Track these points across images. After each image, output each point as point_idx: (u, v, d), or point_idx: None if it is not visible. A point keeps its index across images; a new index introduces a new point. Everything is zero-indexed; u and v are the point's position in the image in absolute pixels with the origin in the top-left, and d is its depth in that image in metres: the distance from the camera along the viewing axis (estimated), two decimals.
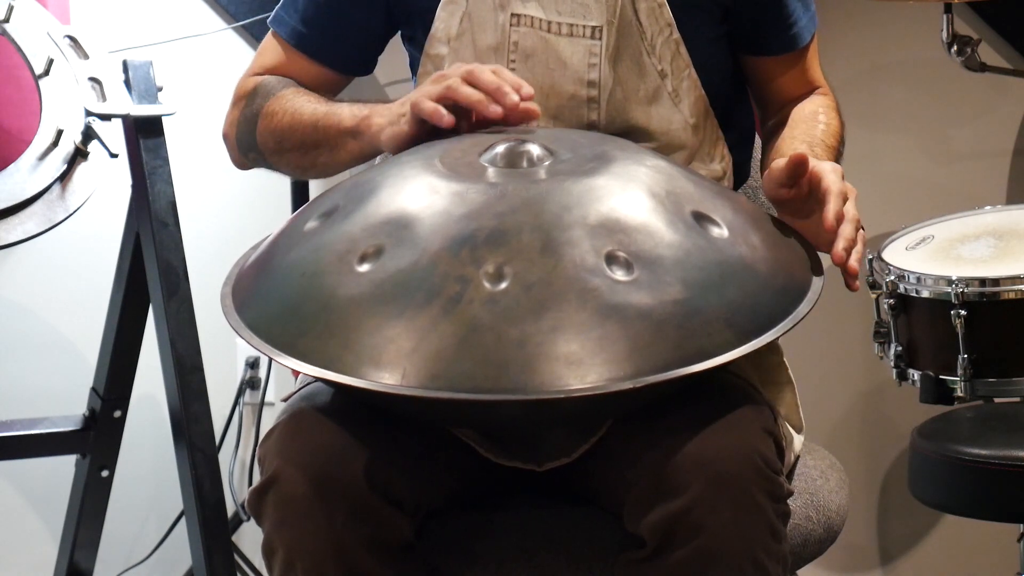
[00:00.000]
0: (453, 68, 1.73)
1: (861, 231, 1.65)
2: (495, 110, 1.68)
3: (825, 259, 1.65)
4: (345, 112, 1.82)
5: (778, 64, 1.95)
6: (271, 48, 1.97)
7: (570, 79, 1.82)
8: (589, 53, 1.81)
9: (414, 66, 1.93)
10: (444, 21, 1.86)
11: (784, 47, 1.93)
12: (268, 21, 1.98)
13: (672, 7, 1.83)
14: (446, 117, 1.70)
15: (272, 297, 1.59)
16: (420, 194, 1.59)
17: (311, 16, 1.93)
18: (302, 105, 1.86)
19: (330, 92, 1.95)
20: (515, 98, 1.69)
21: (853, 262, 1.62)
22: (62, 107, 2.31)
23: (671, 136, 1.84)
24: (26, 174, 2.27)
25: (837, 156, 1.87)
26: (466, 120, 1.71)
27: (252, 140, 1.90)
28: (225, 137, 1.96)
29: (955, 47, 2.66)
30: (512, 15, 1.83)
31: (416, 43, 1.91)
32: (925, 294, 2.31)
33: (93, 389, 2.50)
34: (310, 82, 1.94)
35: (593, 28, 1.81)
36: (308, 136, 1.83)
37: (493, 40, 1.84)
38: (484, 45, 1.84)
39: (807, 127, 1.89)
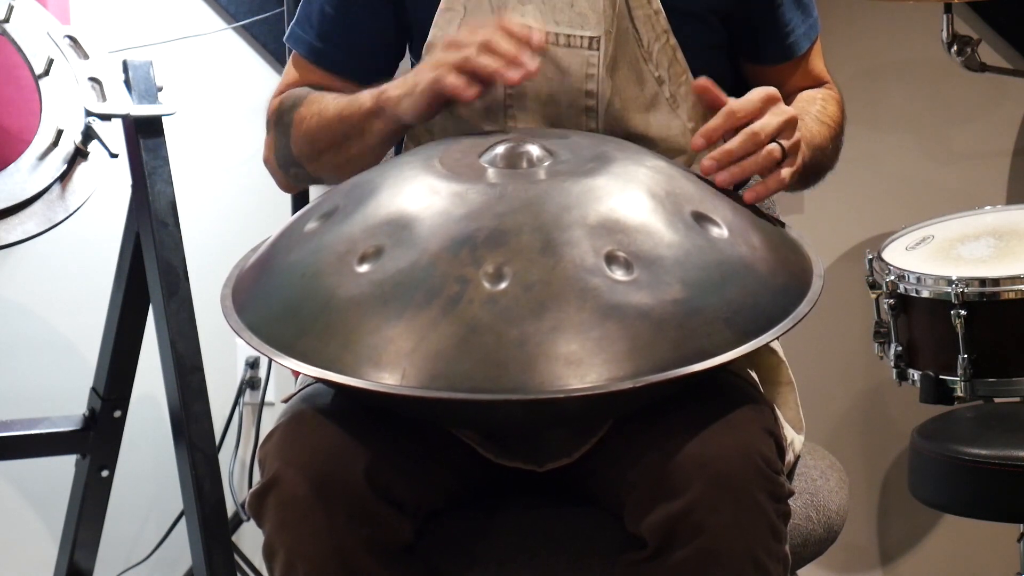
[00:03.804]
0: (466, 34, 1.72)
1: (771, 145, 1.67)
2: (512, 77, 1.69)
3: (825, 260, 1.65)
4: (365, 95, 1.81)
5: (778, 72, 1.94)
6: (293, 67, 1.98)
7: (568, 89, 1.81)
8: (587, 64, 1.81)
9: None
10: (441, 28, 1.86)
11: (781, 56, 1.93)
12: (285, 39, 1.99)
13: (668, 14, 1.83)
14: (470, 91, 1.69)
15: (272, 298, 1.59)
16: (420, 195, 1.59)
17: (327, 31, 1.93)
18: (327, 103, 1.85)
19: None
20: (532, 66, 1.69)
21: (722, 176, 1.66)
22: (62, 107, 2.31)
23: (670, 142, 1.84)
24: (26, 174, 2.27)
25: (834, 137, 1.87)
26: (479, 85, 1.71)
27: (290, 153, 1.89)
28: (266, 162, 1.94)
29: (955, 47, 2.66)
30: None
31: (415, 50, 1.92)
32: (925, 294, 2.31)
33: (93, 389, 2.50)
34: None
35: (591, 39, 1.81)
36: (337, 130, 1.83)
37: None
38: None
39: (802, 105, 1.88)
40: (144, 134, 2.37)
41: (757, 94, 1.68)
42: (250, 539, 2.90)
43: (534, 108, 1.82)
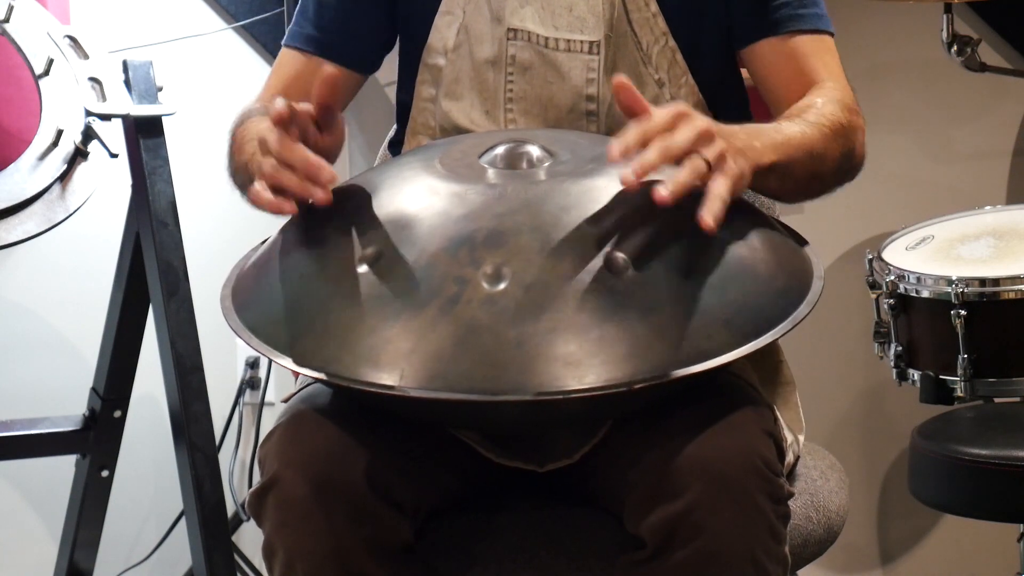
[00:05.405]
0: (258, 143, 1.64)
1: (698, 161, 1.51)
2: (319, 196, 1.57)
3: (825, 260, 1.64)
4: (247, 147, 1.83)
5: (761, 57, 1.84)
6: (286, 63, 1.98)
7: (569, 93, 1.82)
8: (587, 68, 1.81)
9: (413, 72, 1.93)
10: (441, 32, 1.86)
11: (757, 31, 1.83)
12: (283, 42, 1.99)
13: (668, 19, 1.82)
14: (285, 206, 1.59)
15: (271, 298, 1.59)
16: (419, 195, 1.59)
17: (326, 21, 1.94)
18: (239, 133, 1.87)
19: (347, 95, 1.97)
20: (322, 197, 1.58)
21: (663, 192, 1.47)
22: (62, 107, 2.31)
23: None
24: (26, 174, 2.27)
25: (834, 137, 1.73)
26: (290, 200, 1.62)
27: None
28: None
29: (955, 47, 2.66)
30: (509, 30, 1.83)
31: (411, 51, 1.92)
32: (925, 294, 2.31)
33: (93, 389, 2.50)
34: (327, 87, 1.92)
35: (591, 44, 1.80)
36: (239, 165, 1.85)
37: (490, 53, 1.84)
38: (481, 58, 1.84)
39: (796, 108, 1.77)
40: (144, 134, 2.37)
41: (666, 109, 1.55)
42: (250, 539, 2.90)
43: (535, 113, 1.82)
